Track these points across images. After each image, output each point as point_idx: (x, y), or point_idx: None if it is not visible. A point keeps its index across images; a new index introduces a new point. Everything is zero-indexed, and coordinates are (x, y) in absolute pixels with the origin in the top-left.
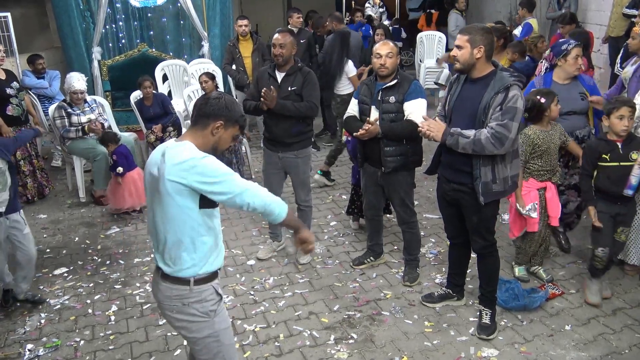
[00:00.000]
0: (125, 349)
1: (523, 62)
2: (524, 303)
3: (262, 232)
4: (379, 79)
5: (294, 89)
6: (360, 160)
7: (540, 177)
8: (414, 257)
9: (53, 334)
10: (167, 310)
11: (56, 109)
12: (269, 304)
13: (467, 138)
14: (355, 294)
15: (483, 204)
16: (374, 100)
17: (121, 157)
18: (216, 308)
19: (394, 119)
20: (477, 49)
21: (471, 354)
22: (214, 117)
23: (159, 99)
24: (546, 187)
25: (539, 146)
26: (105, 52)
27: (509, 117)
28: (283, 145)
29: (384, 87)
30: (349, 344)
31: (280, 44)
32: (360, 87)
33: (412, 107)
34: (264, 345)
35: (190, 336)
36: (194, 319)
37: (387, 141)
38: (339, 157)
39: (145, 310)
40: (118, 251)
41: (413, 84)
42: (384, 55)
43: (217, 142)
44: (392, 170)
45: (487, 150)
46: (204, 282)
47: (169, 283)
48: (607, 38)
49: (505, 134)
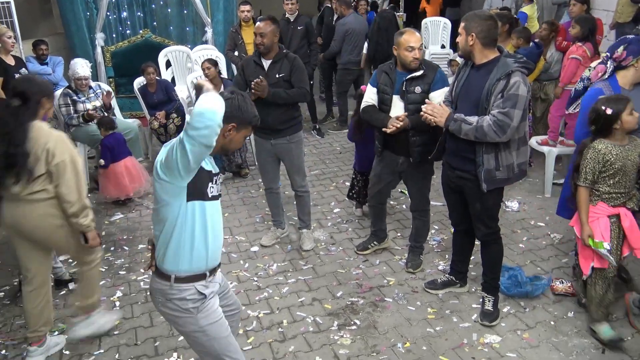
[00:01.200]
0: (130, 334)
1: (527, 49)
2: (526, 290)
3: (266, 219)
4: (402, 68)
5: (282, 75)
6: (379, 148)
7: (612, 201)
8: (420, 244)
9: (58, 319)
10: (155, 303)
11: (61, 96)
12: (272, 290)
13: (469, 125)
14: (358, 280)
15: (485, 191)
16: (397, 90)
17: (105, 149)
18: (198, 305)
19: (419, 109)
20: (470, 37)
21: (474, 340)
22: (227, 119)
23: (163, 86)
24: (619, 213)
25: (611, 163)
26: (109, 38)
27: (510, 105)
28: (275, 132)
29: (409, 77)
30: (351, 330)
31: (261, 32)
32: (378, 74)
33: (440, 96)
34: (267, 331)
35: (178, 329)
36: (177, 314)
37: (414, 131)
38: (342, 144)
39: (150, 296)
40: (122, 237)
41: (438, 73)
42: (417, 48)
43: (227, 144)
44: (421, 160)
45: (488, 138)
46: (185, 282)
47: (155, 275)
48: (614, 24)
49: (506, 121)
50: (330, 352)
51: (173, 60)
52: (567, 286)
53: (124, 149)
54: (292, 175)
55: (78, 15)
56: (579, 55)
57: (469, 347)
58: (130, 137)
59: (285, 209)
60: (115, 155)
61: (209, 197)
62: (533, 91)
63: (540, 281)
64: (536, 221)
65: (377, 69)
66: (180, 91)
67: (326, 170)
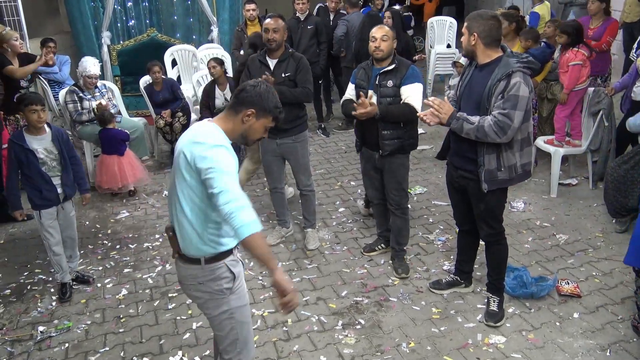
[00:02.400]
0: (135, 332)
1: (539, 49)
2: (531, 291)
3: (271, 218)
4: (376, 63)
5: (288, 75)
6: (358, 144)
7: None
8: (402, 247)
9: (64, 316)
10: (186, 289)
11: (67, 93)
12: None
13: (471, 124)
14: (363, 280)
15: (486, 192)
16: (372, 84)
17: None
18: (231, 286)
19: (392, 103)
20: (473, 36)
21: (478, 340)
22: (247, 104)
23: (168, 84)
24: None
25: None
26: (115, 36)
27: (510, 106)
28: (281, 132)
29: (382, 71)
30: (356, 330)
31: (273, 28)
32: (357, 71)
33: (409, 91)
34: (272, 330)
35: (207, 312)
36: (210, 297)
37: (384, 124)
38: (348, 143)
39: (155, 294)
40: (128, 235)
41: (410, 69)
42: (378, 38)
43: (246, 131)
44: (389, 153)
45: (489, 138)
46: (215, 261)
47: (183, 262)
48: (621, 24)
49: (507, 122)
50: (334, 351)
51: (179, 59)
52: (572, 287)
53: (117, 147)
54: (298, 175)
55: (84, 14)
56: (580, 60)
57: (474, 348)
58: (136, 135)
59: (290, 208)
60: (108, 149)
61: None
62: (539, 91)
63: (545, 282)
64: (542, 222)
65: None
66: (185, 90)
67: (331, 169)
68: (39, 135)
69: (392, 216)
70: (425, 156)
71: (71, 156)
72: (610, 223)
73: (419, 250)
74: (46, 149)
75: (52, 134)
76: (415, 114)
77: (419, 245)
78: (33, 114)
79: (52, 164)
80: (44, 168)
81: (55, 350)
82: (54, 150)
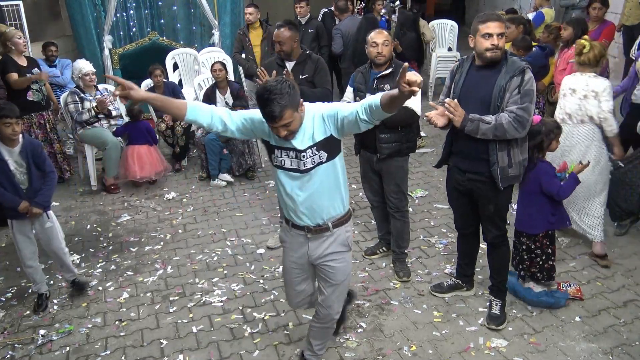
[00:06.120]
0: (136, 335)
1: (532, 54)
2: (550, 302)
3: (272, 221)
4: (374, 67)
5: (306, 76)
6: (357, 147)
7: None
8: (403, 250)
9: (65, 320)
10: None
11: (69, 95)
12: (278, 292)
13: (488, 124)
14: (364, 283)
15: (502, 189)
16: (369, 88)
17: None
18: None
19: None
20: (470, 39)
21: (480, 344)
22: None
23: (170, 88)
24: None
25: None
26: (116, 40)
27: (528, 100)
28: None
29: (379, 75)
30: (357, 333)
31: (279, 41)
32: (355, 75)
33: None
34: (273, 333)
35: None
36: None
37: (382, 128)
38: (348, 146)
39: (156, 297)
40: (129, 239)
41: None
42: (380, 44)
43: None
44: (387, 156)
45: (508, 135)
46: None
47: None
48: (620, 26)
49: (526, 117)
50: (336, 355)
51: (180, 63)
52: (574, 289)
53: (142, 136)
54: None
55: (86, 17)
56: None
57: (476, 351)
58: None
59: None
60: (139, 139)
61: (274, 164)
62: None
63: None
64: None
65: (355, 70)
66: (187, 93)
67: None
68: (11, 147)
69: (392, 219)
70: (426, 159)
71: (48, 171)
72: (611, 226)
73: (421, 253)
74: (16, 161)
75: (21, 146)
76: (415, 117)
77: (420, 249)
78: (7, 127)
79: (21, 177)
80: (16, 179)
81: (56, 354)
82: (23, 162)
